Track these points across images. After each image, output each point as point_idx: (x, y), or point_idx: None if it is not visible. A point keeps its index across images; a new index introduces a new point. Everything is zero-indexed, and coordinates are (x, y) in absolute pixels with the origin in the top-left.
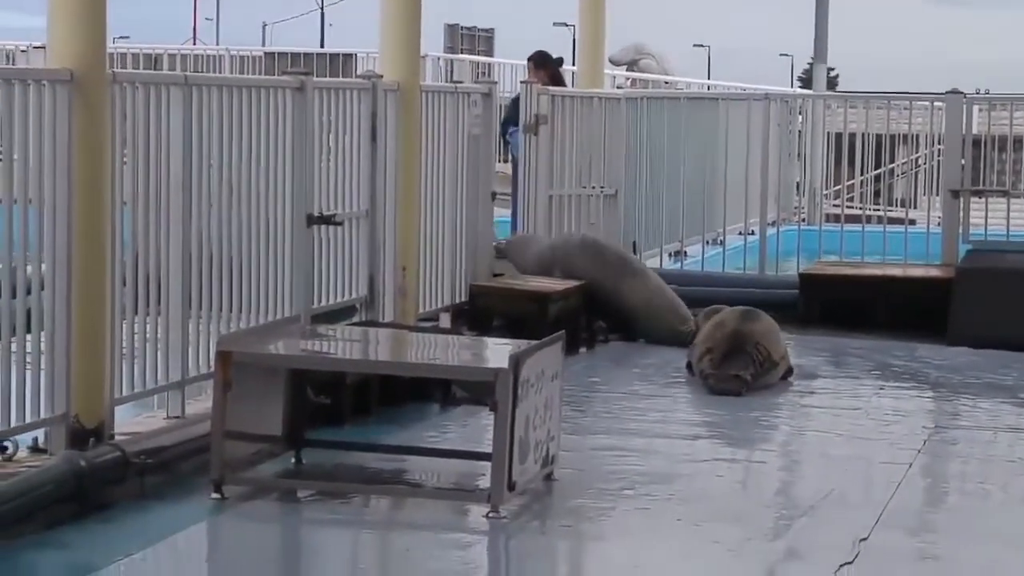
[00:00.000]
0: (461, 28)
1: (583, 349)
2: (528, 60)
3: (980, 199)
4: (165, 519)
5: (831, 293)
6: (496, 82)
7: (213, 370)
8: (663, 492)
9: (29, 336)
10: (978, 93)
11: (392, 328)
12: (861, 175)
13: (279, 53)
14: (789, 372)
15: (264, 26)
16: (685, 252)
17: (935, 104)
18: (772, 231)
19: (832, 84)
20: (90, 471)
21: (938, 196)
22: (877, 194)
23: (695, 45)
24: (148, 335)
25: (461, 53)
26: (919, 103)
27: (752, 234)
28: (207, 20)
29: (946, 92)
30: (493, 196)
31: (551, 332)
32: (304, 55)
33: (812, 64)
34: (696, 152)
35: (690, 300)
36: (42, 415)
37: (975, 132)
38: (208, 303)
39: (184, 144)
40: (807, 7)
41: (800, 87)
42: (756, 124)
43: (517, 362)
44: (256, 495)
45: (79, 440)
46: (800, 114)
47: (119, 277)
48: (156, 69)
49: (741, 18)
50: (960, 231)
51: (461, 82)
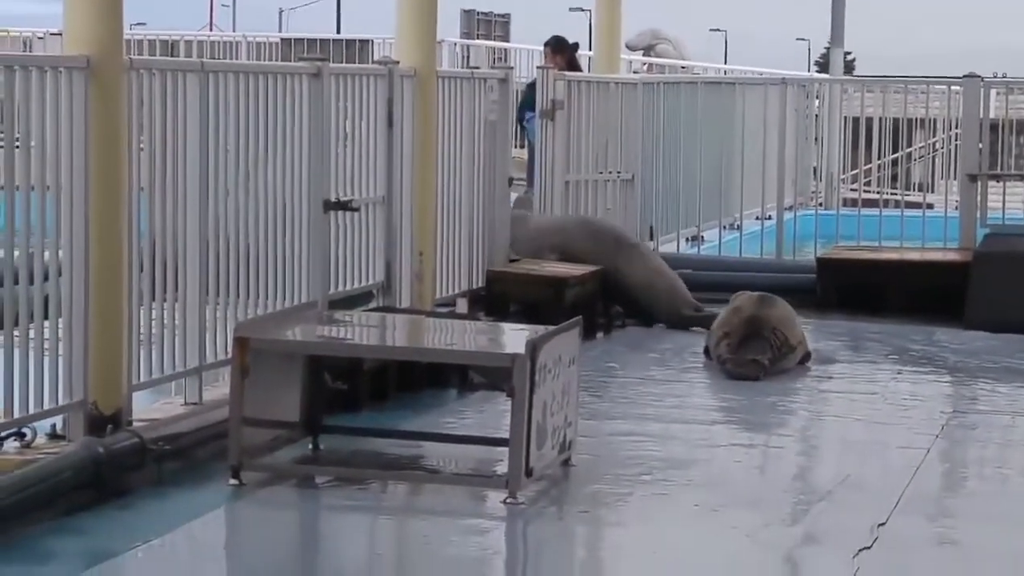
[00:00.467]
0: (477, 13)
1: (600, 334)
2: (545, 45)
3: (998, 183)
4: (183, 505)
5: (848, 277)
6: (512, 67)
7: (230, 356)
8: (680, 477)
9: (47, 323)
10: (996, 77)
11: (409, 314)
12: (878, 159)
13: (295, 39)
14: (807, 357)
15: (280, 12)
16: (702, 237)
17: (952, 88)
18: (789, 216)
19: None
20: (108, 458)
21: (955, 180)
22: (894, 178)
23: (712, 30)
24: (165, 321)
25: (477, 38)
26: (936, 87)
27: (769, 219)
28: (224, 6)
29: (963, 76)
30: (510, 182)
31: (568, 317)
32: (320, 41)
33: (829, 48)
34: (713, 137)
35: (707, 285)
36: (60, 402)
37: (992, 116)
38: (225, 289)
39: (201, 130)
40: None
41: (817, 71)
42: (773, 109)
43: (534, 348)
44: (273, 481)
45: (97, 427)
46: (817, 98)
47: (136, 263)
48: (173, 55)
49: (758, 2)
50: (978, 215)
51: (477, 68)
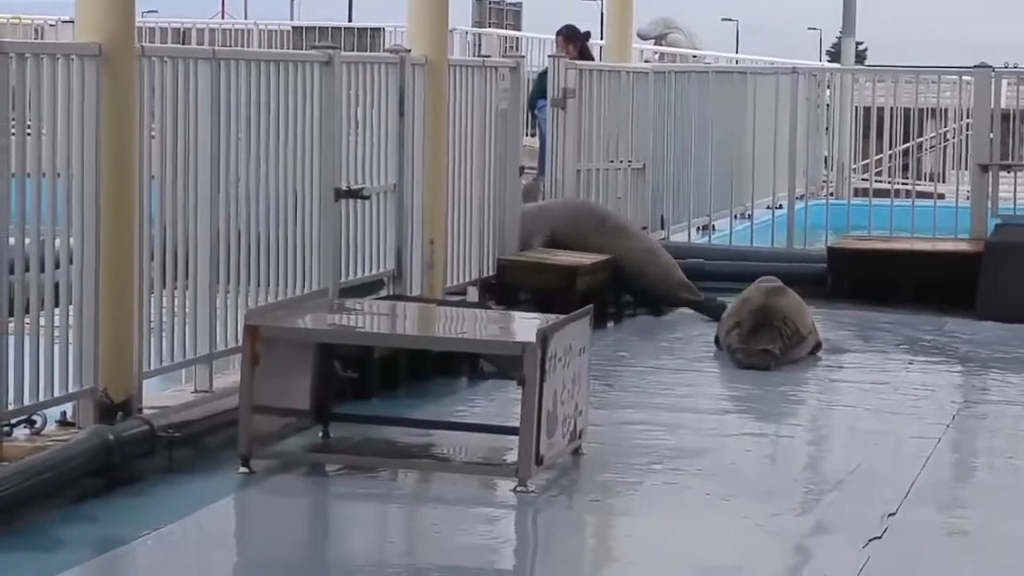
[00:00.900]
0: (489, 2)
1: (611, 323)
2: (557, 34)
3: (1009, 173)
4: (192, 493)
5: (859, 267)
6: (524, 56)
7: (241, 344)
8: (691, 467)
9: (57, 310)
10: (1007, 67)
11: (420, 302)
12: (889, 149)
13: (307, 27)
14: (818, 347)
15: (292, 0)
16: (713, 226)
17: (964, 78)
18: (800, 205)
19: (860, 58)
20: (118, 445)
21: (967, 170)
22: (905, 168)
23: (723, 19)
24: (176, 309)
25: (489, 27)
26: (948, 77)
27: (780, 208)
28: None
29: (975, 66)
30: (521, 170)
31: (579, 306)
32: (332, 29)
33: (840, 38)
34: (724, 126)
35: (718, 274)
36: (70, 389)
37: (1004, 106)
38: (236, 277)
39: (212, 118)
40: None
41: (828, 61)
42: (784, 98)
43: (545, 336)
44: (284, 469)
45: (107, 414)
46: (828, 88)
47: (147, 251)
48: (184, 43)
49: None
50: (989, 205)
51: (489, 56)
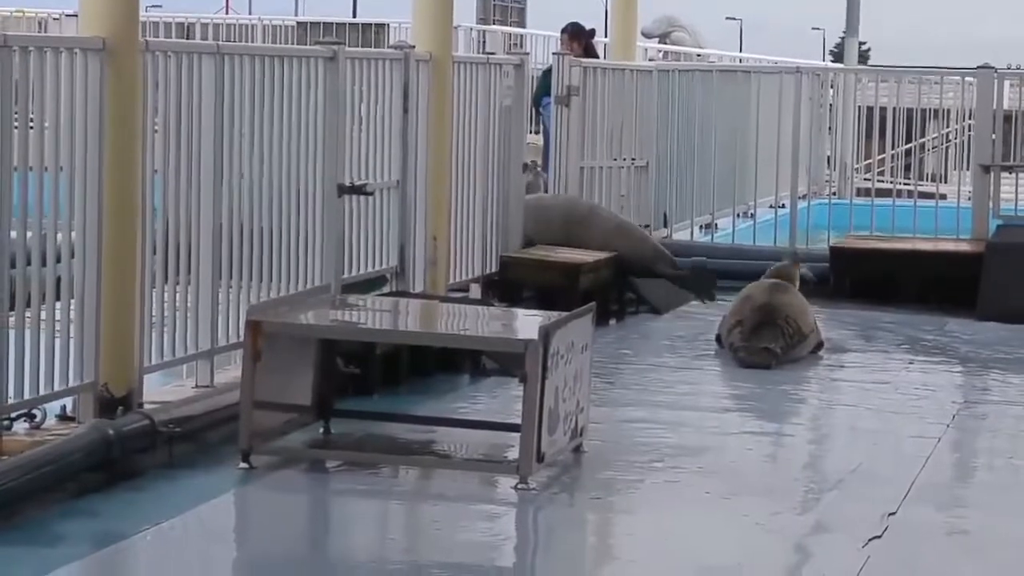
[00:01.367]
0: None
1: (613, 321)
2: (562, 32)
3: (1010, 174)
4: (193, 488)
5: (861, 267)
6: (528, 53)
7: (242, 339)
8: (692, 465)
9: (59, 304)
10: (1010, 68)
11: (422, 298)
12: (892, 149)
13: (311, 23)
14: (819, 346)
15: None
16: (716, 225)
17: (966, 79)
18: (803, 205)
19: (864, 58)
20: (119, 440)
21: (968, 171)
22: (908, 168)
23: (727, 18)
24: (178, 304)
25: (493, 24)
26: (950, 78)
27: (783, 207)
28: None
29: (977, 67)
30: (524, 167)
31: (581, 303)
32: (336, 25)
33: (844, 38)
34: (727, 125)
35: (721, 273)
36: (71, 383)
37: (1006, 107)
38: (238, 272)
39: (216, 113)
40: None
41: (832, 61)
42: (787, 97)
43: (547, 333)
44: (284, 465)
45: (108, 408)
46: (831, 88)
47: (149, 245)
48: (188, 38)
49: None
50: (990, 206)
51: (493, 53)
